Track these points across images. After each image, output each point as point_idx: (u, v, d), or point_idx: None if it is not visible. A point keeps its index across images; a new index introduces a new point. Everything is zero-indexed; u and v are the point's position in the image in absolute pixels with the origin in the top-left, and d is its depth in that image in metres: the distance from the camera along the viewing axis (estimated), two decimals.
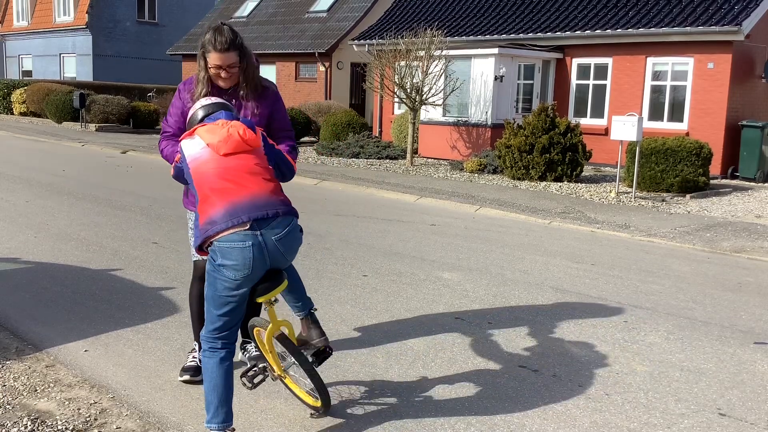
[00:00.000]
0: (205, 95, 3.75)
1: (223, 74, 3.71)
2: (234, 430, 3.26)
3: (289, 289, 3.48)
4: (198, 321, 4.06)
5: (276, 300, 3.37)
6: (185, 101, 3.85)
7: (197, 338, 4.07)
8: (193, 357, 4.10)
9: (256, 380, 3.58)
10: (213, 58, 3.66)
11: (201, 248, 3.22)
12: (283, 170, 3.59)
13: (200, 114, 3.45)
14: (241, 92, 3.83)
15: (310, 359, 3.52)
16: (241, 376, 3.58)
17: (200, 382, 3.89)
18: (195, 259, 4.01)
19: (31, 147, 17.96)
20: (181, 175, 3.49)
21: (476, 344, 4.81)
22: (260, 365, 3.62)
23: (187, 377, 3.98)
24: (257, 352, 3.87)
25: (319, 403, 3.58)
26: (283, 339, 3.39)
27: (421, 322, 5.22)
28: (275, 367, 3.61)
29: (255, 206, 3.11)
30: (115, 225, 8.35)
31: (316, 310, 3.60)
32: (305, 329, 3.55)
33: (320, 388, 3.46)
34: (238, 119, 3.38)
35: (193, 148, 3.27)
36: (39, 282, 5.88)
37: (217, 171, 3.17)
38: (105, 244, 7.36)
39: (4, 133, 21.36)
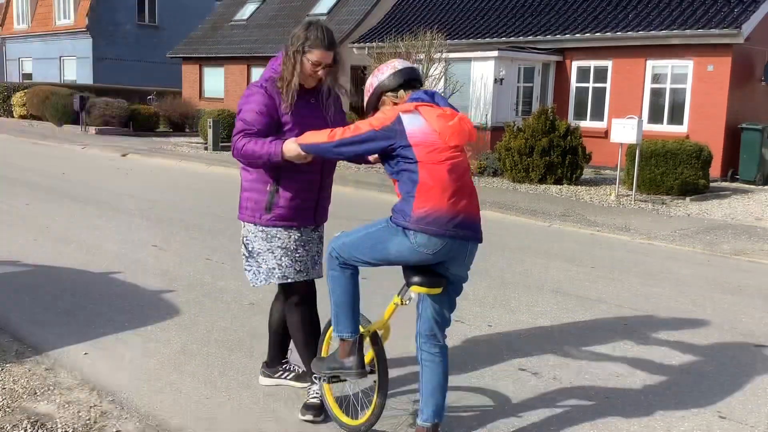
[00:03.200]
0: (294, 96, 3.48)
1: (320, 72, 3.48)
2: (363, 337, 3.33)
3: (431, 389, 3.24)
4: (306, 350, 3.66)
5: (409, 300, 3.29)
6: (279, 102, 3.48)
7: (309, 369, 3.63)
8: (314, 392, 3.67)
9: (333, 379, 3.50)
10: (318, 56, 3.43)
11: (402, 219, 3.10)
12: None
13: (393, 81, 3.24)
14: (331, 93, 3.60)
15: None
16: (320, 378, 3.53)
17: (322, 422, 3.61)
18: (288, 280, 3.59)
19: (32, 150, 17.97)
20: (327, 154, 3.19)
21: (476, 347, 4.80)
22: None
23: (309, 417, 3.59)
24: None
25: (356, 421, 3.45)
26: (374, 337, 3.42)
27: None
28: (324, 353, 3.62)
29: (472, 226, 3.12)
30: (115, 228, 8.35)
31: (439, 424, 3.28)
32: None
33: (378, 406, 3.34)
34: (453, 107, 3.22)
35: (418, 126, 3.07)
36: (39, 285, 5.88)
37: (448, 164, 3.07)
38: (105, 247, 7.36)
39: (5, 136, 21.37)
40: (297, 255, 3.60)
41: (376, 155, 3.28)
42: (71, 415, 3.57)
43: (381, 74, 3.28)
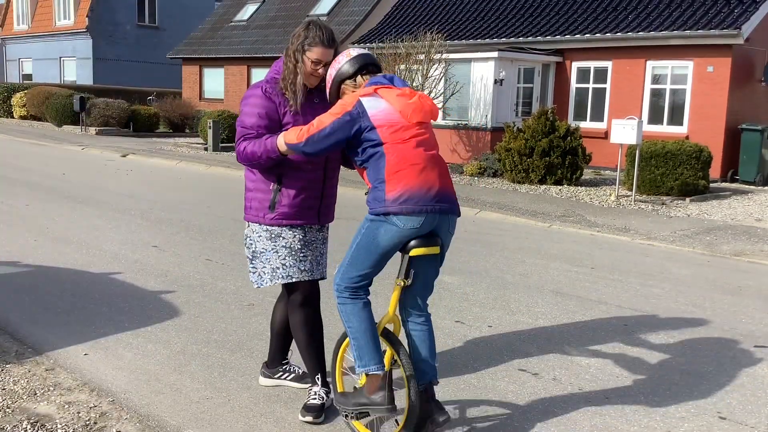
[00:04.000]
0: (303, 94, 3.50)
1: (320, 71, 3.47)
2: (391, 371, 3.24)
3: (422, 357, 3.30)
4: (307, 351, 3.65)
5: (410, 278, 3.26)
6: (278, 103, 3.49)
7: (314, 372, 3.68)
8: (314, 393, 3.67)
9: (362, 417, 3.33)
10: (318, 53, 3.43)
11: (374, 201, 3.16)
12: None
13: (349, 68, 3.29)
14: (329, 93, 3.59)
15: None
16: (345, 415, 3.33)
17: (322, 423, 3.59)
18: (292, 280, 3.58)
19: (32, 150, 17.97)
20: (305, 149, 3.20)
21: (476, 348, 4.80)
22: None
23: (309, 418, 3.58)
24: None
25: None
26: (387, 333, 3.34)
27: None
28: (338, 381, 3.52)
29: (448, 198, 3.15)
30: (114, 228, 8.35)
31: (437, 383, 3.34)
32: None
33: (412, 404, 3.20)
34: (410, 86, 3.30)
35: (380, 107, 3.13)
36: (39, 285, 5.88)
37: (414, 141, 3.11)
38: (105, 247, 7.36)
39: (5, 136, 21.38)
40: (301, 255, 3.59)
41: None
42: (71, 415, 3.57)
43: (338, 64, 3.36)
